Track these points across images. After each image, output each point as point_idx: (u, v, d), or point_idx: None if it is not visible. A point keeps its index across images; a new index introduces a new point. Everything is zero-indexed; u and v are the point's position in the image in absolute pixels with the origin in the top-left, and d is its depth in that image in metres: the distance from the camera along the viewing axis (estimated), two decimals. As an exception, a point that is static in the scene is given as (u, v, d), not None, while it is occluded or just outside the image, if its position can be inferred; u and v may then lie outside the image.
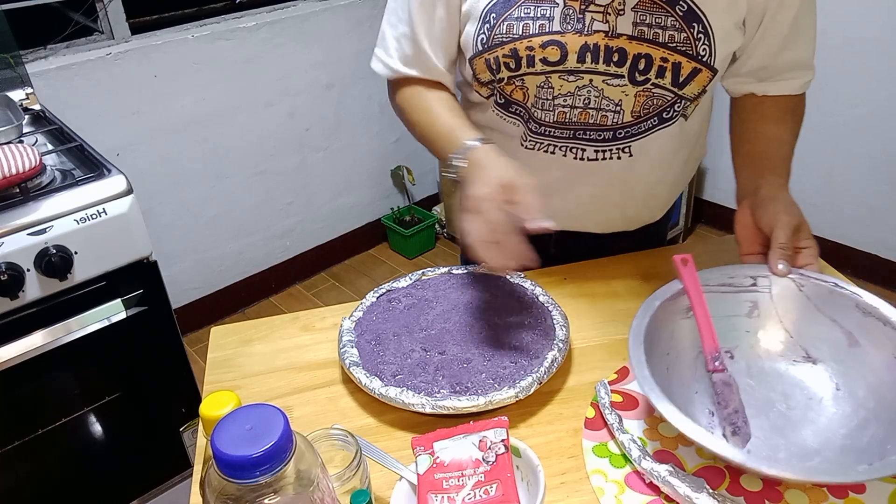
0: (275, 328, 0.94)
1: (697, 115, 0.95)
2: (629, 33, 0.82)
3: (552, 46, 0.84)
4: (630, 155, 0.92)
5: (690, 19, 0.82)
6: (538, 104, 0.90)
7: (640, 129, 0.90)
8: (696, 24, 0.82)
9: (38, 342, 1.28)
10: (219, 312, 2.54)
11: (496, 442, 0.64)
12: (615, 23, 0.82)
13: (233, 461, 0.46)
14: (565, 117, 0.90)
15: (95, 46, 2.03)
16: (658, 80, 0.85)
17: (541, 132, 0.92)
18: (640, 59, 0.83)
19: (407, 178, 2.88)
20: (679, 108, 0.89)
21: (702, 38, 0.82)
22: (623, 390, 0.77)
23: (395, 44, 0.95)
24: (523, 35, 0.85)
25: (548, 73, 0.86)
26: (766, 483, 0.65)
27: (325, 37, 2.48)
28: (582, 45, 0.84)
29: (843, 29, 2.20)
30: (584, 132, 0.90)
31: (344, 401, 0.80)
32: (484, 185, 0.76)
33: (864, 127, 2.29)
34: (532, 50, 0.85)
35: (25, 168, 1.26)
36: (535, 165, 0.94)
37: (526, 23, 0.85)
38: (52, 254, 1.21)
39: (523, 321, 0.84)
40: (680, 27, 0.82)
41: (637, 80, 0.85)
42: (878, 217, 2.38)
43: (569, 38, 0.84)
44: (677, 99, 0.88)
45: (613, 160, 0.92)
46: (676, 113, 0.90)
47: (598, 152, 0.92)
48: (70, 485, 1.46)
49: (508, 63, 0.87)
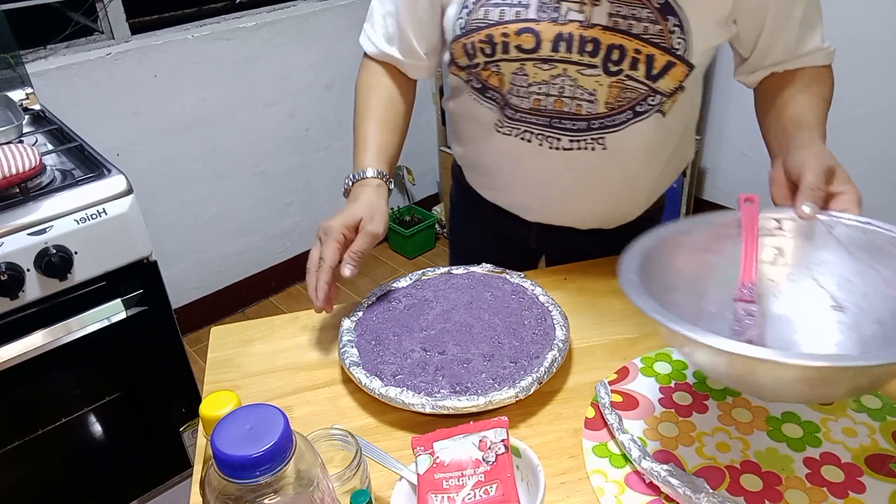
0: (275, 328, 0.94)
1: (679, 114, 0.93)
2: (604, 24, 0.83)
3: (527, 34, 0.85)
4: (605, 148, 0.91)
5: (666, 12, 0.82)
6: (513, 90, 0.90)
7: (615, 121, 0.90)
8: (670, 17, 0.82)
9: (38, 342, 1.27)
10: (219, 312, 2.54)
11: (496, 442, 0.64)
12: (591, 13, 0.83)
13: (233, 461, 0.46)
14: (540, 105, 0.90)
15: (95, 46, 2.03)
16: (631, 71, 0.85)
17: (517, 118, 0.93)
18: (613, 50, 0.83)
19: (407, 178, 2.88)
20: (654, 102, 0.89)
21: (676, 31, 0.82)
22: (623, 390, 0.77)
23: (381, 21, 0.98)
24: (499, 21, 0.86)
25: (522, 60, 0.87)
26: (766, 483, 0.65)
27: (325, 37, 2.48)
28: (556, 34, 0.84)
29: (844, 30, 2.20)
30: (559, 121, 0.91)
31: (344, 401, 0.80)
32: (336, 218, 0.85)
33: (864, 128, 2.28)
34: (507, 37, 0.86)
35: (25, 168, 1.26)
36: (513, 153, 0.96)
37: (503, 9, 0.86)
38: (52, 254, 1.21)
39: (523, 321, 0.84)
40: (654, 19, 0.82)
41: (610, 71, 0.85)
42: (879, 217, 2.37)
43: (544, 26, 0.84)
44: (651, 92, 0.87)
45: (589, 151, 0.92)
46: (651, 107, 0.89)
47: (573, 142, 0.92)
48: (70, 485, 1.46)
49: (484, 49, 0.88)
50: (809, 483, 0.65)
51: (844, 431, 0.70)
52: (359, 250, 0.85)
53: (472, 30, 0.88)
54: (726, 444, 0.70)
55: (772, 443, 0.69)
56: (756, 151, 2.62)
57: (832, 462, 0.67)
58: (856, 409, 0.73)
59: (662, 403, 0.75)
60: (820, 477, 0.65)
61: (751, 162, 2.63)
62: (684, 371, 0.80)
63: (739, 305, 0.70)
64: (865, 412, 0.73)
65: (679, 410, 0.74)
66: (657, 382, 0.78)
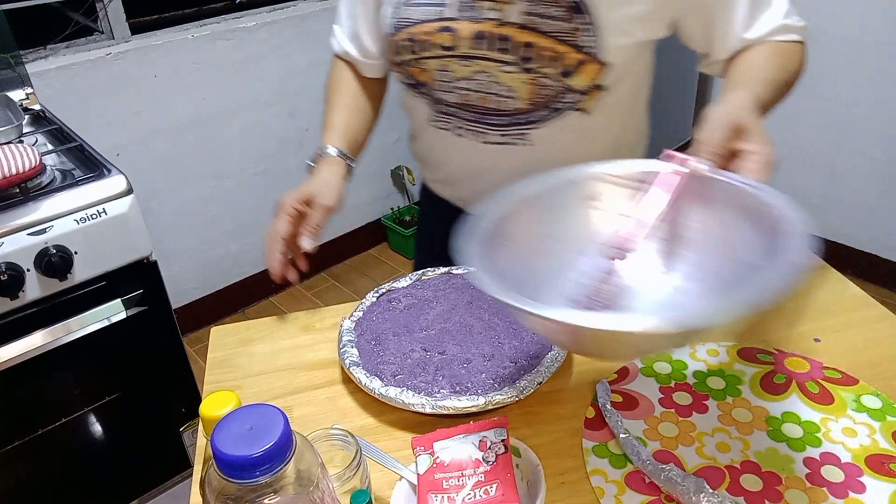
0: (275, 328, 0.94)
1: (609, 114, 0.92)
2: (518, 22, 0.84)
3: (446, 32, 0.88)
4: (532, 143, 0.92)
5: (575, 10, 0.82)
6: (440, 86, 0.93)
7: (536, 117, 0.90)
8: (580, 16, 0.82)
9: (38, 342, 1.28)
10: (219, 312, 2.54)
11: (496, 442, 0.64)
12: (506, 11, 0.84)
13: (233, 461, 0.46)
14: (468, 100, 0.92)
15: (95, 46, 2.03)
16: (545, 69, 0.86)
17: (447, 112, 0.95)
18: (526, 48, 0.85)
19: (407, 178, 2.87)
20: (570, 99, 0.88)
21: (589, 28, 0.83)
22: (623, 390, 0.77)
23: (346, 21, 1.03)
24: (422, 20, 0.89)
25: (444, 57, 0.89)
26: (766, 483, 0.65)
27: (325, 37, 2.45)
28: (474, 32, 0.86)
29: (843, 29, 2.20)
30: (486, 116, 0.92)
31: (344, 401, 0.80)
32: (293, 192, 0.92)
33: (864, 127, 2.29)
34: (429, 35, 0.89)
35: (25, 168, 1.26)
36: (448, 146, 0.99)
37: (425, 8, 0.88)
38: (52, 254, 1.21)
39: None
40: (566, 17, 0.83)
41: (526, 68, 0.86)
42: (879, 217, 2.38)
43: (462, 24, 0.87)
44: (565, 90, 0.87)
45: (517, 146, 0.93)
46: (567, 105, 0.89)
47: (501, 136, 0.93)
48: (70, 485, 1.46)
49: (410, 47, 0.91)
50: (809, 483, 0.65)
51: (844, 431, 0.71)
52: (314, 224, 0.91)
53: (399, 28, 0.91)
54: (726, 444, 0.70)
55: (772, 443, 0.70)
56: (756, 151, 2.62)
57: (832, 462, 0.67)
58: (856, 409, 0.73)
59: (662, 403, 0.75)
60: (820, 477, 0.65)
61: (751, 162, 2.63)
62: (684, 371, 0.80)
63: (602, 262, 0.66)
64: (865, 412, 0.73)
65: (679, 410, 0.74)
66: (657, 382, 0.78)
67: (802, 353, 0.82)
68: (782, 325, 0.87)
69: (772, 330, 0.86)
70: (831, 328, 0.86)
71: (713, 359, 0.81)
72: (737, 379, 0.78)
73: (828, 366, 0.80)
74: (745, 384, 0.77)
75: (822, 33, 2.28)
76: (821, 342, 0.84)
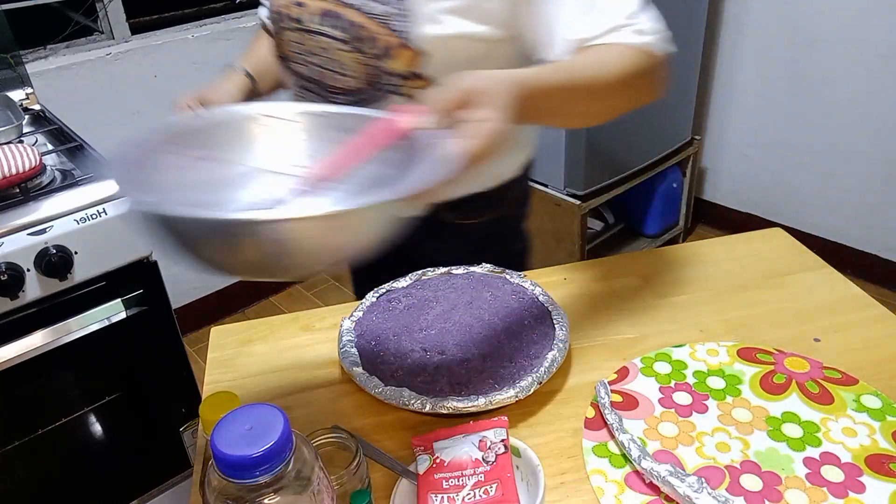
0: (275, 328, 0.94)
1: None
2: (349, 2, 0.85)
3: (296, 7, 0.90)
4: None
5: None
6: (295, 59, 0.94)
7: (368, 97, 0.89)
8: (398, 1, 0.82)
9: (38, 342, 1.27)
10: (219, 312, 2.54)
11: (496, 442, 0.64)
12: None
13: (233, 461, 0.46)
14: (314, 75, 0.93)
15: (95, 46, 2.03)
16: (365, 49, 0.86)
17: (305, 87, 0.96)
18: (354, 27, 0.86)
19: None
20: (390, 82, 0.87)
21: (405, 14, 0.82)
22: (623, 390, 0.77)
23: None
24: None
25: (296, 30, 0.91)
26: (766, 483, 0.65)
27: (325, 37, 2.47)
28: (321, 9, 0.88)
29: (843, 30, 2.20)
30: (332, 94, 0.93)
31: (344, 401, 0.80)
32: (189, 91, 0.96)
33: (864, 127, 2.29)
34: (287, 7, 0.91)
35: (25, 168, 1.26)
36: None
37: None
38: (52, 254, 1.21)
39: (523, 321, 0.84)
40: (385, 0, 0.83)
41: (354, 47, 0.87)
42: (878, 217, 2.38)
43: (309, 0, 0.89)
44: (385, 72, 0.86)
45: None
46: (390, 88, 0.87)
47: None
48: (70, 485, 1.46)
49: (278, 19, 0.94)
50: (809, 483, 0.65)
51: (844, 431, 0.71)
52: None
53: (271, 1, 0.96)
54: (726, 444, 0.70)
55: (772, 443, 0.70)
56: (756, 151, 2.63)
57: (832, 462, 0.67)
58: (856, 409, 0.73)
59: (662, 403, 0.75)
60: (820, 477, 0.66)
61: (751, 162, 2.63)
62: (684, 371, 0.80)
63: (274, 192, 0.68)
64: (865, 412, 0.73)
65: (679, 410, 0.74)
66: (657, 382, 0.78)
67: (802, 353, 0.82)
68: (782, 325, 0.87)
69: (772, 330, 0.86)
70: (831, 328, 0.86)
71: (713, 359, 0.82)
72: (737, 379, 0.78)
73: (828, 366, 0.80)
74: (745, 384, 0.77)
75: (822, 33, 2.28)
76: (821, 342, 0.84)
